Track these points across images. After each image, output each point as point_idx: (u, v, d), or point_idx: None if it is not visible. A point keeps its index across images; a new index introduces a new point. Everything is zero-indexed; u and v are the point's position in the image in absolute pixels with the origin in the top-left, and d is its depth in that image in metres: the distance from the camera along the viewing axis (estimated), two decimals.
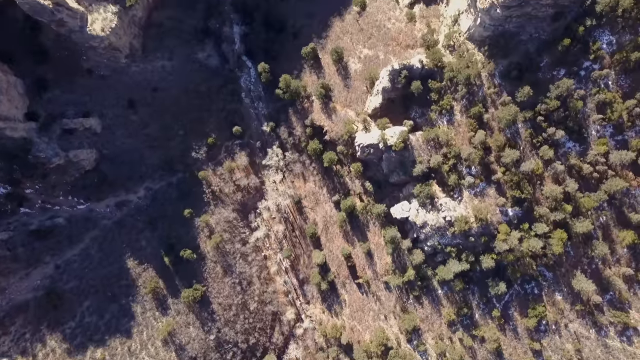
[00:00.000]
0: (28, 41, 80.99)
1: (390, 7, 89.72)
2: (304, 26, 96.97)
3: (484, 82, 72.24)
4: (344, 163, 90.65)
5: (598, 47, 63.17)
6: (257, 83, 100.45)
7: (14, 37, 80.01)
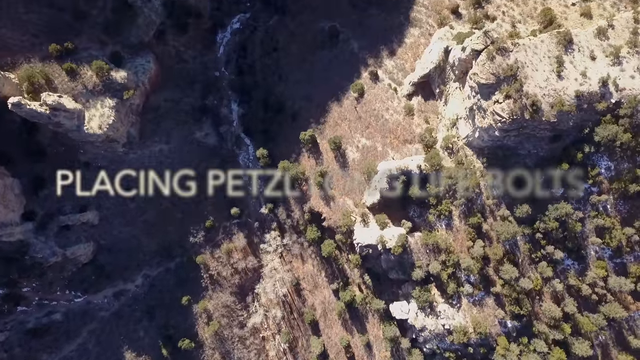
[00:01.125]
0: (25, 141, 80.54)
1: (388, 97, 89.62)
2: (302, 108, 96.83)
3: (483, 191, 72.11)
4: (343, 250, 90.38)
5: (597, 172, 63.19)
6: (255, 161, 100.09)
7: (10, 138, 79.54)
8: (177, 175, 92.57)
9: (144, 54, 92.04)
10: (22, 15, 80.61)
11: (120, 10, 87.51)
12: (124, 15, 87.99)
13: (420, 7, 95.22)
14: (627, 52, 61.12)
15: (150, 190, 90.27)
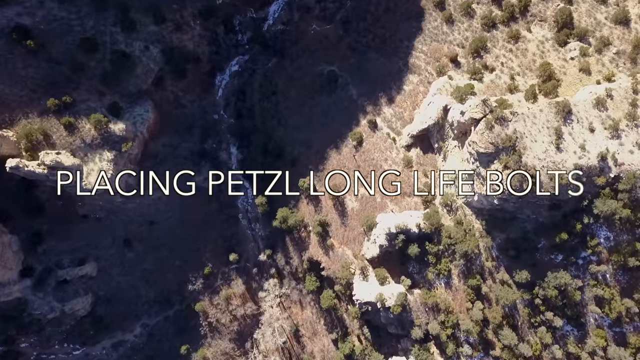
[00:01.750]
0: (23, 197, 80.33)
1: (387, 146, 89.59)
2: (301, 154, 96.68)
3: (482, 252, 72.06)
4: (342, 299, 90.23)
5: (596, 243, 63.14)
6: (254, 205, 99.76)
7: (9, 195, 79.42)
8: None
9: (143, 102, 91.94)
10: (20, 71, 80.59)
11: (118, 61, 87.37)
12: (122, 66, 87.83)
13: (419, 53, 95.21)
14: (626, 125, 61.11)
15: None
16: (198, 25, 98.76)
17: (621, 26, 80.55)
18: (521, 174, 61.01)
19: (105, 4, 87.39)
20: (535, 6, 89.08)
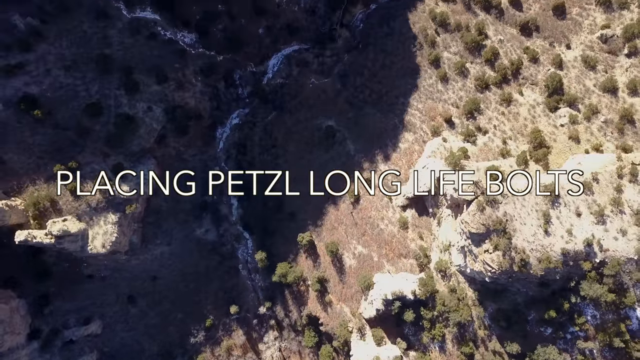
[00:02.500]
0: (31, 263, 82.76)
1: (383, 205, 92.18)
2: (300, 208, 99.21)
3: (475, 320, 74.61)
4: (341, 354, 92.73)
5: (583, 320, 65.75)
6: (254, 258, 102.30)
7: (17, 261, 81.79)
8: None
9: (146, 160, 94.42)
10: (27, 139, 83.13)
11: (122, 123, 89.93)
12: (126, 128, 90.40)
13: (414, 111, 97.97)
14: (611, 211, 63.82)
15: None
16: (199, 82, 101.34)
17: (609, 94, 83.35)
18: (511, 255, 63.71)
19: (110, 68, 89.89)
20: (526, 69, 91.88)
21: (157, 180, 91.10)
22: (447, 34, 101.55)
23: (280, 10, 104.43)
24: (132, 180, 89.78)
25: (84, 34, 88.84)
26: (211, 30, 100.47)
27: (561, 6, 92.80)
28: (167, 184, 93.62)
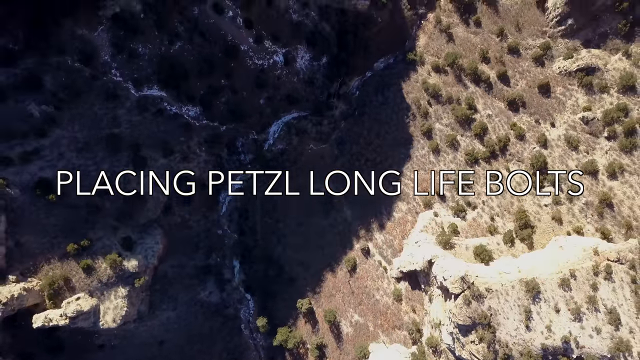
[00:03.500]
0: (45, 339, 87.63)
1: (378, 275, 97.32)
2: (299, 274, 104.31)
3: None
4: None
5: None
6: (255, 320, 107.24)
7: (32, 338, 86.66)
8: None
9: (152, 230, 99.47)
10: (43, 220, 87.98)
11: (131, 198, 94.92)
12: (135, 204, 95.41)
13: (407, 181, 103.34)
14: (587, 309, 68.95)
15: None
16: (203, 151, 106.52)
17: (590, 177, 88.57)
18: (495, 348, 68.84)
19: (119, 146, 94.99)
20: (513, 146, 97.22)
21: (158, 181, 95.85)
22: (439, 105, 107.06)
23: (280, 82, 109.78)
24: (140, 253, 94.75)
25: (94, 116, 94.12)
26: (215, 103, 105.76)
27: (546, 85, 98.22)
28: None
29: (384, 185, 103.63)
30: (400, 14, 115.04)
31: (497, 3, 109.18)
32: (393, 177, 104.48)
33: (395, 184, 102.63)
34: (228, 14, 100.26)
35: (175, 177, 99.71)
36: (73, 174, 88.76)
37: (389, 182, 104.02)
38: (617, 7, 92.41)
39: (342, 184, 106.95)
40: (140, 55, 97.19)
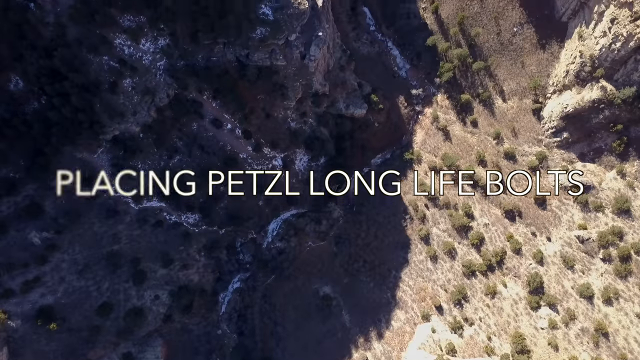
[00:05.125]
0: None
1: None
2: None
3: None
4: None
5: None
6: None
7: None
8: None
9: (153, 341, 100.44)
10: (43, 347, 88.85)
11: (131, 317, 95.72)
12: (134, 320, 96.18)
13: (405, 287, 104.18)
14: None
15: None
16: (203, 256, 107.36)
17: (585, 301, 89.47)
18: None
19: (119, 263, 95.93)
20: (510, 260, 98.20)
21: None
22: (436, 209, 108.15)
23: (279, 183, 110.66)
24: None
25: (94, 236, 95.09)
26: (214, 209, 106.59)
27: (542, 200, 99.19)
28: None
29: (384, 290, 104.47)
30: (396, 112, 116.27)
31: (494, 105, 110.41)
32: (392, 283, 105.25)
33: (394, 294, 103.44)
34: (227, 127, 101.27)
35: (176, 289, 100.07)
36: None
37: (387, 288, 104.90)
38: (612, 128, 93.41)
39: (341, 287, 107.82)
40: (140, 170, 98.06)
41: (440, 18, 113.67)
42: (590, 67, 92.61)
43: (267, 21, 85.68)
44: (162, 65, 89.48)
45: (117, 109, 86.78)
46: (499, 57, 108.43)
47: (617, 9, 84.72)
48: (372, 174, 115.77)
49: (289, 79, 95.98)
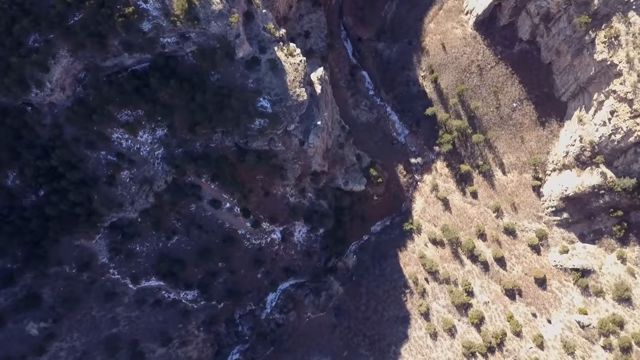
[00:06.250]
0: None
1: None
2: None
3: None
4: None
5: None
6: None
7: None
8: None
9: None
10: None
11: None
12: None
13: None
14: None
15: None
16: (202, 332, 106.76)
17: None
18: None
19: (117, 346, 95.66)
20: (510, 342, 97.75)
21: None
22: (435, 283, 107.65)
23: (278, 257, 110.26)
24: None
25: (92, 320, 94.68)
26: (212, 285, 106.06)
27: (542, 277, 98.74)
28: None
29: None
30: (396, 181, 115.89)
31: (493, 177, 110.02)
32: (392, 358, 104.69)
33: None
34: (225, 206, 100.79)
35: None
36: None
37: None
38: (612, 213, 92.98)
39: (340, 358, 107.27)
40: (138, 253, 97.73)
41: (440, 87, 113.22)
42: (590, 153, 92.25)
43: (265, 113, 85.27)
44: (160, 154, 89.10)
45: (115, 200, 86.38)
46: (499, 130, 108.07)
47: (616, 102, 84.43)
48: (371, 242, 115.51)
49: (288, 161, 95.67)
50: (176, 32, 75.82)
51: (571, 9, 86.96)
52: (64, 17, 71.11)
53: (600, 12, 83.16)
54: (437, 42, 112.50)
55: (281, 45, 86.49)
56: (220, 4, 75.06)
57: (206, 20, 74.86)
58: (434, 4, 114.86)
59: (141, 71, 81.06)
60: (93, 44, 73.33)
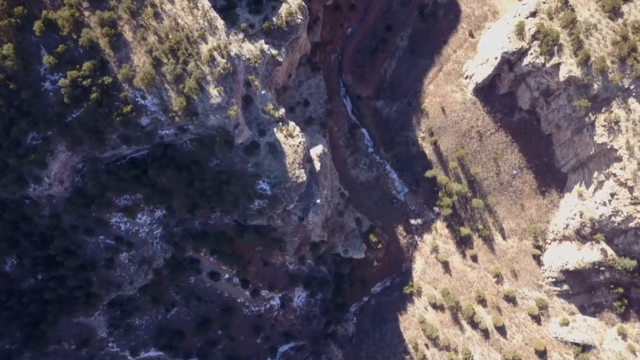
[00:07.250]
0: None
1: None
2: None
3: None
4: None
5: None
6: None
7: None
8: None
9: None
10: None
11: None
12: None
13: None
14: None
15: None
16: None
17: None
18: None
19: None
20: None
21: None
22: (436, 349, 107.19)
23: (277, 322, 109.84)
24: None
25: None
26: (212, 352, 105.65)
27: (543, 351, 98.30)
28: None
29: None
30: (396, 244, 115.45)
31: (493, 242, 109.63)
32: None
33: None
34: (224, 277, 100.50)
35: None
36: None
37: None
38: (612, 289, 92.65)
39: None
40: (137, 326, 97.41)
41: (439, 150, 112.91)
42: (590, 229, 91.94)
43: (265, 195, 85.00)
44: (158, 233, 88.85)
45: (113, 281, 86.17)
46: (499, 195, 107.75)
47: (617, 185, 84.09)
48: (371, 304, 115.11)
49: (287, 235, 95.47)
50: (174, 126, 75.54)
51: (571, 89, 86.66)
52: (62, 116, 70.75)
53: (600, 96, 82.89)
54: (437, 104, 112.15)
55: (280, 125, 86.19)
56: (219, 97, 74.74)
57: (205, 114, 74.56)
58: (434, 65, 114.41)
59: (140, 159, 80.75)
60: (91, 139, 73.06)
